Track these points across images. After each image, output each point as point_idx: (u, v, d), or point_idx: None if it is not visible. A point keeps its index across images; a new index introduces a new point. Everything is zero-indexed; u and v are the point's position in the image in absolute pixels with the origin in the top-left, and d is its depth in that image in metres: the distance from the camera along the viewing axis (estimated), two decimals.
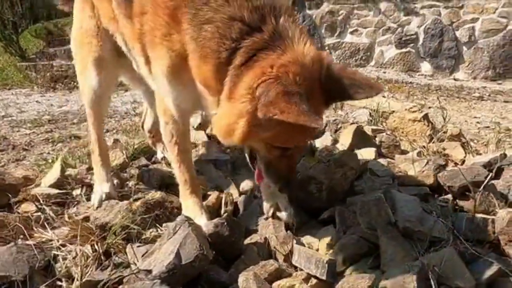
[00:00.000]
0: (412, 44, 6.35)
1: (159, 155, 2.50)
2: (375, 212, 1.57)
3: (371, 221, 1.56)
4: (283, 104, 1.15)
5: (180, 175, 1.72)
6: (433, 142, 2.58)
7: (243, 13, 1.28)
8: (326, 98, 1.34)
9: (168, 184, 2.15)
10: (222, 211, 1.85)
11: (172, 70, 1.47)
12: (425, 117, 2.73)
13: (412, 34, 6.32)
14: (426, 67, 6.32)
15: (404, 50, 6.41)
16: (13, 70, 8.97)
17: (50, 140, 3.69)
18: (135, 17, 1.54)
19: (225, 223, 1.48)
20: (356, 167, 1.88)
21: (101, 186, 2.03)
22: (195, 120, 2.73)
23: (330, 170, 1.79)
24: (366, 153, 2.21)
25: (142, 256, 1.45)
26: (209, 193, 2.00)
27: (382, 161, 2.23)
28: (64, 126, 4.22)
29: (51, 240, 1.73)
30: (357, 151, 2.19)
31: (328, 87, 1.30)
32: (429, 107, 4.41)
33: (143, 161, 2.58)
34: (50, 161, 2.95)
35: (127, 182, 2.28)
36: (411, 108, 2.81)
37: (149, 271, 1.34)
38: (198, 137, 2.70)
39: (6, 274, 1.46)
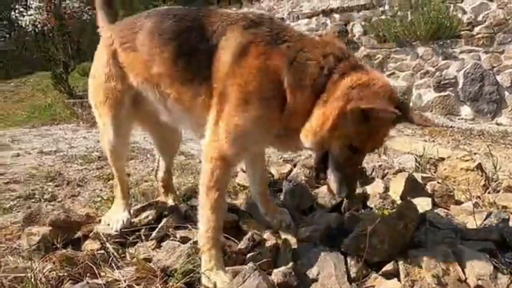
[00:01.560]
0: (451, 88, 6.32)
1: (171, 203, 2.55)
2: (443, 268, 1.55)
3: (439, 277, 1.53)
4: (372, 96, 1.52)
5: (209, 222, 1.79)
6: (489, 193, 2.52)
7: (332, 50, 1.70)
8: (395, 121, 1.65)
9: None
10: (281, 258, 1.86)
11: (258, 117, 1.73)
12: (479, 166, 2.69)
13: (451, 78, 6.31)
14: (466, 111, 6.24)
15: (443, 93, 6.38)
16: (61, 106, 9.56)
17: (101, 177, 3.85)
18: (218, 81, 1.77)
19: (293, 273, 1.50)
20: (416, 219, 1.87)
21: (121, 215, 2.28)
22: None
23: (391, 223, 1.79)
24: (422, 203, 2.19)
25: None
26: (265, 237, 2.03)
27: (439, 211, 2.20)
28: None
29: (118, 280, 1.80)
30: (413, 201, 2.17)
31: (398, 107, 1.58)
32: (475, 153, 4.32)
33: (194, 202, 2.66)
34: (105, 198, 3.09)
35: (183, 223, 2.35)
36: (463, 156, 2.78)
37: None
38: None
39: None
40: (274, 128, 1.75)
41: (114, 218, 2.28)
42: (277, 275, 1.51)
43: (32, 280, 1.74)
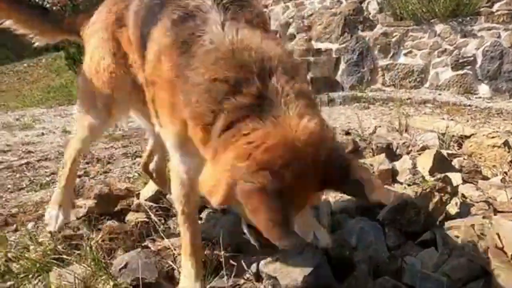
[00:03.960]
0: (469, 66, 6.28)
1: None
2: (479, 235, 1.63)
3: (476, 245, 1.61)
4: (257, 203, 1.03)
5: (184, 232, 1.66)
6: None
7: (225, 74, 1.18)
8: (321, 185, 1.15)
9: None
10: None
11: (179, 134, 1.43)
12: (506, 143, 2.74)
13: (469, 56, 6.25)
14: (484, 89, 6.21)
15: (460, 72, 6.34)
16: (76, 87, 9.64)
17: (128, 155, 3.96)
18: (145, 76, 1.58)
19: (340, 242, 1.59)
20: (451, 192, 1.94)
21: (56, 212, 2.15)
22: None
23: (427, 196, 1.86)
24: (453, 178, 2.26)
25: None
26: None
27: (468, 186, 2.27)
28: (137, 141, 4.51)
29: (167, 248, 1.91)
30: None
31: (327, 174, 1.12)
32: (496, 131, 4.35)
33: None
34: (137, 175, 3.20)
35: None
36: (489, 133, 2.83)
37: (273, 278, 1.47)
38: None
39: (139, 276, 1.63)
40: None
41: (51, 214, 2.16)
42: (327, 241, 1.60)
43: (87, 248, 1.85)
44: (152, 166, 2.49)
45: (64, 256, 1.84)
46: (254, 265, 1.67)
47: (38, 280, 1.66)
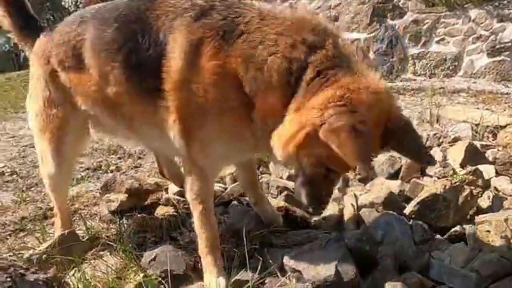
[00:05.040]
0: (506, 52, 5.96)
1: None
2: None
3: (509, 240, 1.56)
4: (345, 138, 1.18)
5: (201, 231, 1.68)
6: None
7: (302, 36, 1.36)
8: (384, 142, 1.33)
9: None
10: (346, 224, 1.95)
11: (226, 127, 1.50)
12: None
13: (507, 42, 5.94)
14: None
15: (497, 58, 6.03)
16: None
17: None
18: (171, 93, 1.52)
19: (364, 237, 1.58)
20: (483, 185, 1.88)
21: None
22: None
23: (457, 189, 1.81)
24: (485, 170, 2.18)
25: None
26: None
27: (502, 179, 2.18)
28: None
29: (194, 242, 1.96)
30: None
31: (390, 134, 1.30)
32: None
33: None
34: None
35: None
36: None
37: (297, 271, 1.49)
38: None
39: (168, 268, 1.68)
40: (245, 138, 1.52)
41: None
42: (351, 239, 1.59)
43: (120, 239, 1.94)
44: (166, 171, 2.51)
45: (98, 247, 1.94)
46: (279, 258, 1.70)
47: (75, 270, 1.75)
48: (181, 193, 2.47)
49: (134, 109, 1.69)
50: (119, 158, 3.85)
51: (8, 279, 0.80)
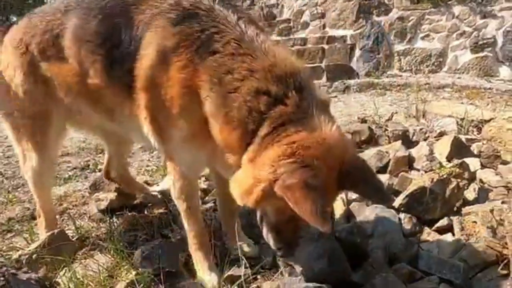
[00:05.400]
0: (489, 48, 6.10)
1: (141, 197, 2.45)
2: (497, 220, 1.62)
3: (495, 230, 1.60)
4: (299, 196, 1.17)
5: (188, 228, 1.69)
6: None
7: (268, 86, 1.32)
8: (340, 186, 1.32)
9: None
10: (338, 216, 1.97)
11: (189, 137, 1.49)
12: None
13: (489, 38, 6.07)
14: (505, 71, 6.03)
15: (480, 54, 6.16)
16: None
17: (146, 149, 4.03)
18: (141, 92, 1.50)
19: (355, 230, 1.60)
20: (469, 178, 1.92)
21: None
22: None
23: (444, 182, 1.85)
24: (470, 164, 2.23)
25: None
26: None
27: (487, 171, 2.24)
28: None
29: (185, 239, 1.96)
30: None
31: (345, 176, 1.29)
32: None
33: None
34: (155, 168, 3.27)
35: None
36: (510, 117, 2.76)
37: (289, 265, 1.50)
38: None
39: (161, 265, 1.68)
40: (207, 151, 1.50)
41: None
42: (341, 233, 1.62)
43: (111, 237, 1.92)
44: (113, 173, 2.46)
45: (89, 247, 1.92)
46: (270, 253, 1.71)
47: (65, 270, 1.73)
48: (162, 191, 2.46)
49: (114, 101, 1.66)
50: None
51: (1, 278, 0.80)
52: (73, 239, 2.06)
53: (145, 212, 2.32)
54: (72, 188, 3.02)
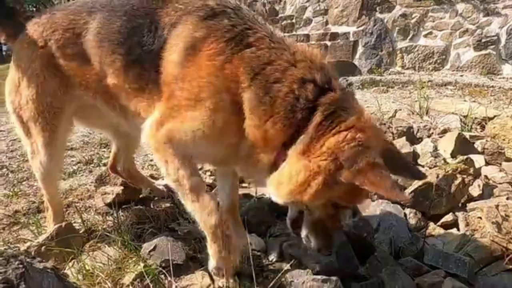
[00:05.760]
0: (492, 46, 6.10)
1: (147, 192, 2.43)
2: (503, 215, 1.63)
3: (500, 225, 1.62)
4: (373, 177, 1.18)
5: (204, 225, 1.50)
6: None
7: (313, 75, 1.34)
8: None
9: None
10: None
11: (209, 130, 1.41)
12: None
13: (492, 36, 6.07)
14: (508, 69, 6.04)
15: (483, 52, 6.17)
16: None
17: None
18: (164, 85, 1.49)
19: (361, 224, 1.62)
20: (474, 174, 1.94)
21: None
22: None
23: (450, 178, 1.86)
24: (475, 160, 2.24)
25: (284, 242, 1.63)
26: None
27: (492, 168, 2.25)
28: None
29: (192, 232, 1.97)
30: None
31: (385, 156, 1.30)
32: None
33: None
34: None
35: None
36: None
37: (297, 258, 1.52)
38: None
39: (169, 258, 1.70)
40: (229, 145, 1.44)
41: None
42: (348, 227, 1.63)
43: (118, 230, 1.94)
44: (119, 167, 2.44)
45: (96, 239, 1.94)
46: (277, 247, 1.73)
47: (73, 262, 1.75)
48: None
49: (130, 100, 1.66)
50: (111, 152, 3.82)
51: (20, 266, 0.81)
52: (79, 232, 2.07)
53: (151, 206, 2.33)
54: (77, 182, 3.03)
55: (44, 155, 1.89)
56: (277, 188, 1.33)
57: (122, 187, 2.39)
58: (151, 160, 3.45)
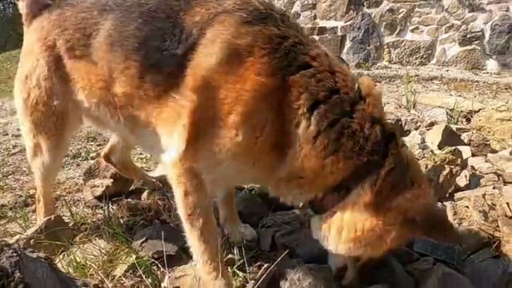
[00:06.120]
0: (477, 42, 6.21)
1: (138, 184, 2.41)
2: (489, 205, 1.67)
3: (486, 214, 1.66)
4: (441, 227, 1.19)
5: (201, 248, 1.41)
6: None
7: (381, 115, 1.25)
8: None
9: None
10: None
11: (242, 151, 1.28)
12: None
13: (477, 31, 6.18)
14: (492, 64, 6.16)
15: (468, 47, 6.27)
16: None
17: None
18: (189, 94, 1.32)
19: None
20: (461, 165, 1.98)
21: None
22: None
23: (438, 168, 1.90)
24: (462, 151, 2.29)
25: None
26: None
27: (478, 159, 2.30)
28: None
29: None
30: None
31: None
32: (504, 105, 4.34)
33: None
34: (149, 155, 3.26)
35: None
36: (499, 107, 2.84)
37: (290, 247, 1.53)
38: None
39: (161, 249, 1.69)
40: (265, 168, 1.32)
41: None
42: None
43: (109, 222, 1.92)
44: (114, 157, 2.38)
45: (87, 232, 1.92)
46: (269, 238, 1.74)
47: (63, 254, 1.73)
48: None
49: (140, 111, 1.52)
50: (99, 145, 3.77)
51: (14, 254, 0.80)
52: (69, 225, 2.05)
53: (142, 199, 2.32)
54: (64, 176, 2.99)
55: (48, 157, 1.85)
56: (336, 237, 1.24)
57: (111, 180, 2.37)
58: (140, 154, 3.43)
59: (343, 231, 1.22)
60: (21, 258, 0.81)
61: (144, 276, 1.55)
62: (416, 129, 3.07)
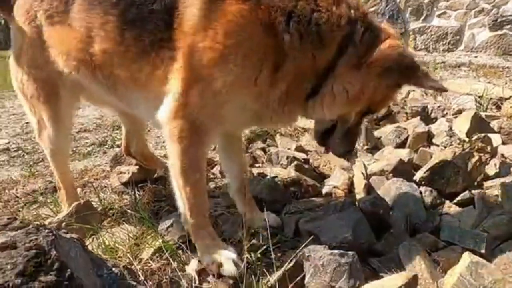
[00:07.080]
0: (508, 26, 5.95)
1: (162, 172, 2.39)
2: None
3: None
4: (415, 73, 1.39)
5: (190, 202, 1.51)
6: None
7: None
8: None
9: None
10: (356, 191, 1.99)
11: (241, 83, 1.38)
12: None
13: (509, 15, 5.91)
14: None
15: (499, 32, 6.02)
16: None
17: None
18: (181, 38, 1.38)
19: (377, 201, 1.62)
20: (491, 152, 1.92)
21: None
22: None
23: (466, 156, 1.85)
24: (492, 139, 2.22)
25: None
26: (337, 173, 2.16)
27: (509, 147, 2.23)
28: None
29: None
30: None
31: None
32: None
33: (260, 144, 2.81)
34: None
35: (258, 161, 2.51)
36: None
37: (313, 234, 1.53)
38: None
39: (185, 234, 1.72)
40: (263, 95, 1.42)
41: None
42: (365, 203, 1.64)
43: (136, 207, 1.97)
44: (133, 148, 2.39)
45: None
46: (292, 224, 1.74)
47: (93, 238, 1.79)
48: None
49: (122, 68, 1.56)
50: None
51: (50, 234, 0.83)
52: (97, 210, 2.11)
53: (167, 185, 2.36)
54: (92, 163, 3.08)
55: (51, 128, 1.88)
56: (330, 105, 1.43)
57: (137, 167, 2.42)
58: (164, 142, 3.48)
59: (336, 97, 1.42)
60: (57, 237, 0.84)
61: (170, 259, 1.59)
62: (443, 116, 2.99)
